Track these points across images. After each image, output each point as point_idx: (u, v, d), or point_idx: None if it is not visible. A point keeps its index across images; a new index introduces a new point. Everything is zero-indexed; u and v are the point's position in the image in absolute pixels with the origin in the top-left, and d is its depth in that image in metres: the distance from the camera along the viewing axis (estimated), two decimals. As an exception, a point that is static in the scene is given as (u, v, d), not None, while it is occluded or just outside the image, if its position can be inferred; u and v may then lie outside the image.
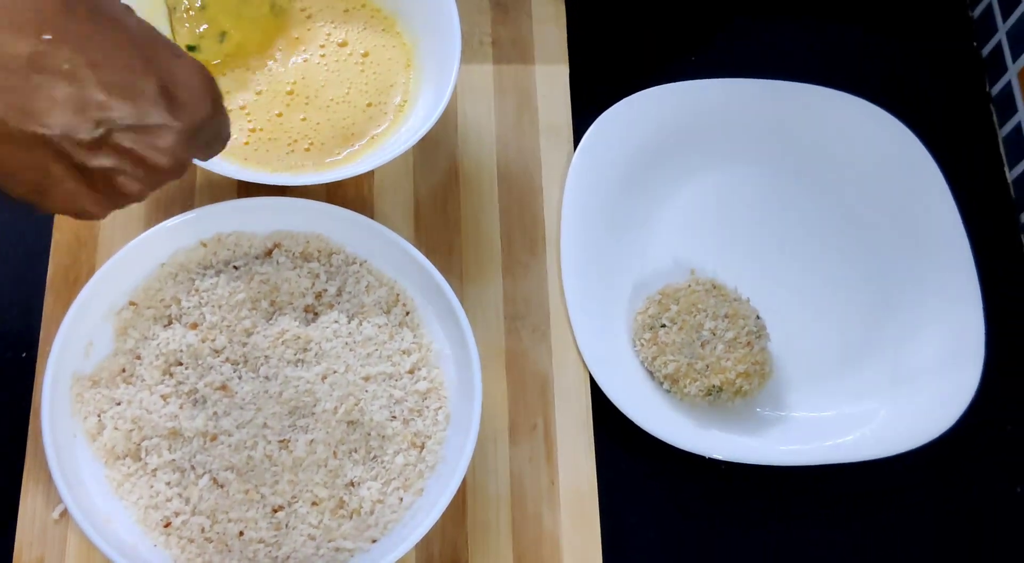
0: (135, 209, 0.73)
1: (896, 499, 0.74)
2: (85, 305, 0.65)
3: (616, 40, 0.85)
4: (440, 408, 0.68)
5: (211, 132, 0.51)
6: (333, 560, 0.63)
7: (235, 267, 0.69)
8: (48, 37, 0.44)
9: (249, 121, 0.71)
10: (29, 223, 0.73)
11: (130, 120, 0.46)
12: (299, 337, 0.67)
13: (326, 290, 0.70)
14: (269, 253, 0.70)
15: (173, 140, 0.47)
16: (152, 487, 0.64)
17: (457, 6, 0.71)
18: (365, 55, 0.74)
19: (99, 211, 0.48)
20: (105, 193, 0.48)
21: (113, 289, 0.67)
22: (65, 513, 0.65)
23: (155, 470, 0.64)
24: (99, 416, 0.65)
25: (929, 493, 0.74)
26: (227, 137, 0.53)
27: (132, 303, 0.67)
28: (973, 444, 0.75)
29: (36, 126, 0.44)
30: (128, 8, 0.49)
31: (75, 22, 0.45)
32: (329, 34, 0.75)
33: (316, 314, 0.69)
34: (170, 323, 0.68)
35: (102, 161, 0.46)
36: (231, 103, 0.71)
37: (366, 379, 0.67)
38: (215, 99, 0.50)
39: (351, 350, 0.68)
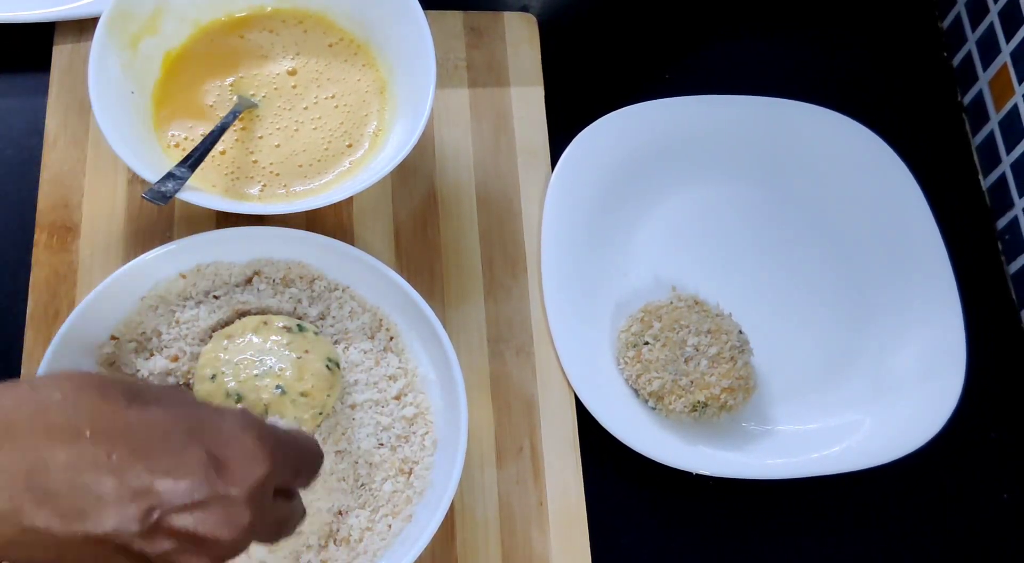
0: (114, 243, 0.73)
1: (884, 509, 0.74)
2: (65, 341, 0.64)
3: (590, 60, 0.85)
4: (427, 433, 0.68)
5: (287, 474, 0.49)
6: (323, 590, 0.63)
7: (215, 297, 0.69)
8: (88, 433, 0.44)
9: (224, 152, 0.71)
10: (7, 259, 0.72)
11: (183, 499, 0.44)
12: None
13: (307, 315, 0.69)
14: (249, 281, 0.70)
15: (231, 509, 0.45)
16: None
17: (431, 32, 0.71)
18: (340, 84, 0.75)
19: None
20: None
21: (93, 324, 0.66)
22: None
23: None
24: None
25: (916, 502, 0.74)
26: (313, 462, 0.52)
27: (113, 337, 0.67)
28: (958, 452, 0.75)
29: (87, 527, 0.43)
30: (166, 387, 0.48)
31: (112, 413, 0.45)
32: (306, 63, 0.75)
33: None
34: (152, 355, 0.67)
35: (163, 546, 0.44)
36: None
37: (352, 407, 0.67)
38: (271, 448, 0.48)
39: (335, 378, 0.68)
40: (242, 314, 0.69)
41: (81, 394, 0.45)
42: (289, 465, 0.50)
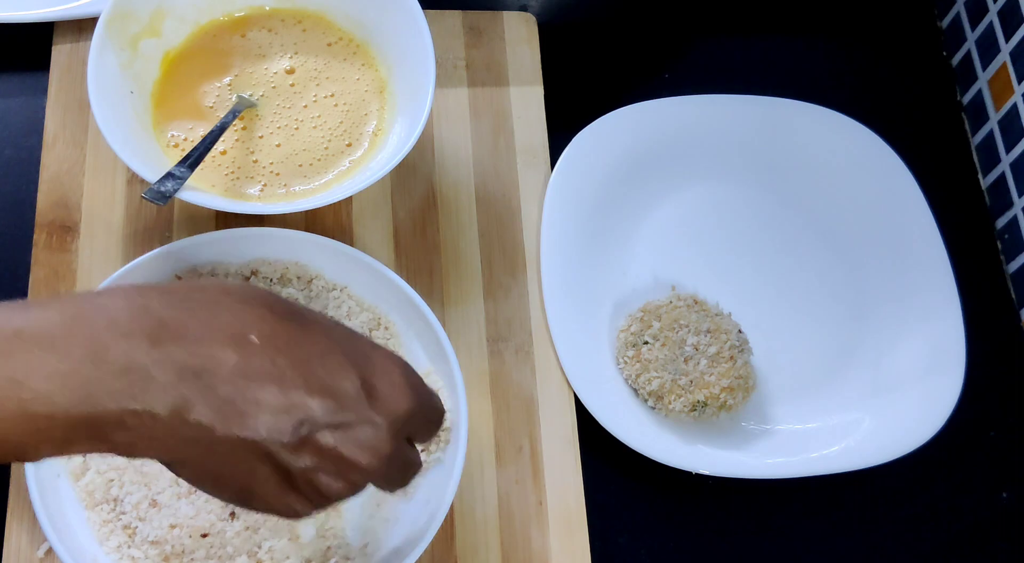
0: (113, 243, 0.73)
1: (883, 508, 0.74)
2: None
3: (589, 60, 0.85)
4: (426, 433, 0.68)
5: (419, 420, 0.50)
6: (323, 590, 0.63)
7: None
8: (255, 339, 0.45)
9: (225, 152, 0.71)
10: (6, 259, 0.72)
11: (333, 418, 0.46)
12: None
13: None
14: (247, 280, 0.70)
15: (375, 436, 0.47)
16: (129, 535, 0.63)
17: (430, 31, 0.71)
18: (340, 83, 0.75)
19: (305, 511, 0.48)
20: (308, 493, 0.47)
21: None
22: (50, 552, 0.65)
23: (130, 520, 0.64)
24: (84, 457, 0.64)
25: (915, 501, 0.74)
26: (439, 418, 0.53)
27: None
28: (957, 451, 0.76)
29: (244, 430, 0.44)
30: (324, 314, 0.50)
31: (279, 325, 0.46)
32: (304, 62, 0.75)
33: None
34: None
35: (305, 461, 0.46)
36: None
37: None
38: (416, 388, 0.50)
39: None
40: None
41: (248, 304, 0.47)
42: (424, 412, 0.51)
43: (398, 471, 0.50)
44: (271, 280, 0.70)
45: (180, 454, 0.45)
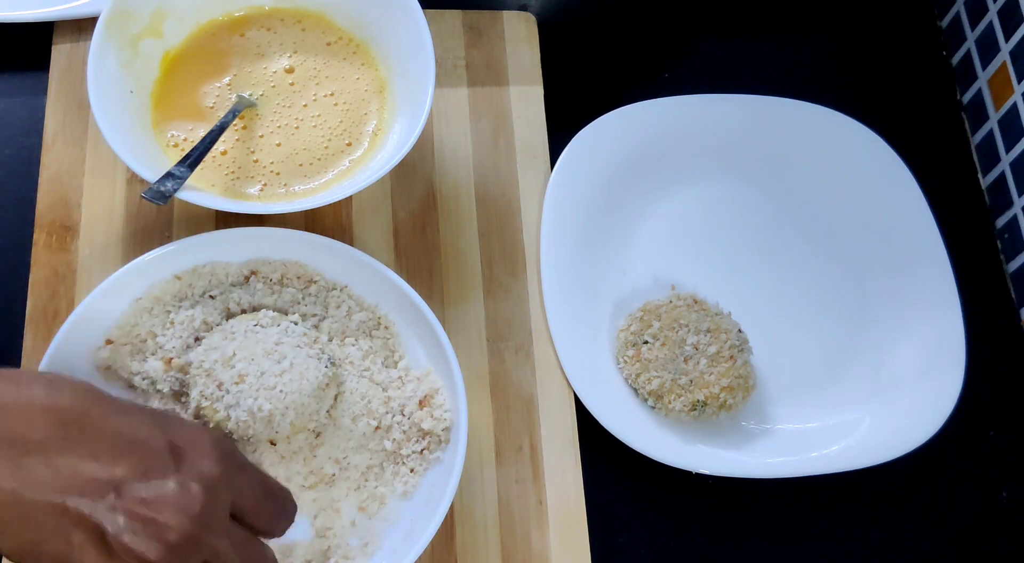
0: (113, 242, 0.73)
1: (883, 507, 0.74)
2: (62, 345, 0.64)
3: (589, 59, 0.85)
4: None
5: (246, 494, 0.52)
6: (322, 590, 0.63)
7: (211, 297, 0.69)
8: (66, 409, 0.48)
9: (225, 152, 0.71)
10: (6, 259, 0.72)
11: (140, 478, 0.48)
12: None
13: (305, 314, 0.69)
14: (246, 280, 0.70)
15: (181, 494, 0.48)
16: None
17: (430, 31, 0.71)
18: (339, 82, 0.75)
19: None
20: (124, 560, 0.47)
21: (90, 328, 0.66)
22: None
23: None
24: None
25: (915, 500, 0.74)
26: (281, 504, 0.55)
27: (108, 341, 0.66)
28: (957, 451, 0.76)
29: (51, 494, 0.46)
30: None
31: (89, 399, 0.49)
32: (303, 61, 0.75)
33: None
34: (146, 359, 0.67)
35: (117, 523, 0.47)
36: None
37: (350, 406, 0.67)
38: (223, 456, 0.51)
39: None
40: (234, 315, 0.69)
41: (62, 380, 0.50)
42: (248, 489, 0.52)
43: (226, 546, 0.50)
44: (271, 280, 0.70)
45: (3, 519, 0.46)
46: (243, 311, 0.69)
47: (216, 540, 0.49)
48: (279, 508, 0.54)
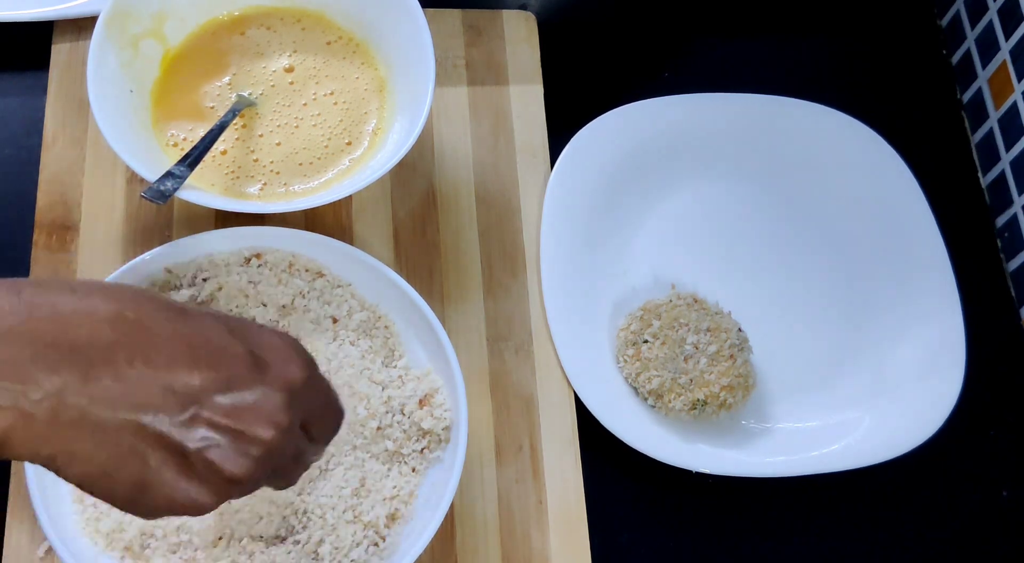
0: (113, 242, 0.73)
1: (883, 507, 0.74)
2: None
3: (589, 58, 0.85)
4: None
5: (316, 403, 0.48)
6: (322, 589, 0.63)
7: (204, 280, 0.68)
8: (130, 316, 0.43)
9: (225, 152, 0.71)
10: (6, 259, 0.72)
11: (222, 389, 0.44)
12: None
13: (309, 309, 0.69)
14: (248, 261, 0.69)
15: (269, 404, 0.44)
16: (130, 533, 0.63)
17: (430, 30, 0.71)
18: (339, 81, 0.75)
19: (208, 501, 0.44)
20: (208, 477, 0.44)
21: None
22: (50, 551, 0.65)
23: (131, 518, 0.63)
24: None
25: (915, 500, 0.74)
26: (336, 409, 0.51)
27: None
28: (958, 450, 0.75)
29: (127, 411, 0.42)
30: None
31: (155, 305, 0.44)
32: (303, 61, 0.75)
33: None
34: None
35: (199, 437, 0.43)
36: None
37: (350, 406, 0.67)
38: (307, 362, 0.47)
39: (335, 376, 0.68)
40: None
41: (122, 289, 0.45)
42: (318, 397, 0.49)
43: (291, 458, 0.48)
44: (279, 268, 0.70)
45: (63, 445, 0.41)
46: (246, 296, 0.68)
47: (289, 450, 0.46)
48: (338, 419, 0.51)
